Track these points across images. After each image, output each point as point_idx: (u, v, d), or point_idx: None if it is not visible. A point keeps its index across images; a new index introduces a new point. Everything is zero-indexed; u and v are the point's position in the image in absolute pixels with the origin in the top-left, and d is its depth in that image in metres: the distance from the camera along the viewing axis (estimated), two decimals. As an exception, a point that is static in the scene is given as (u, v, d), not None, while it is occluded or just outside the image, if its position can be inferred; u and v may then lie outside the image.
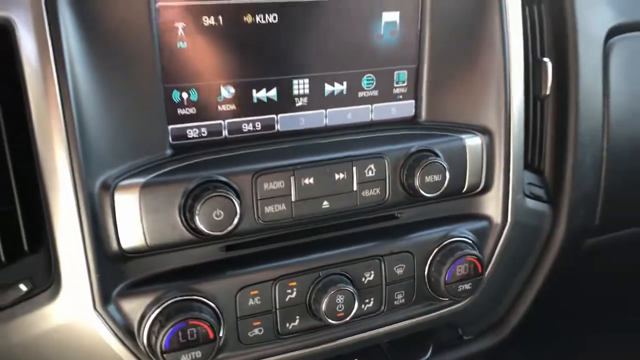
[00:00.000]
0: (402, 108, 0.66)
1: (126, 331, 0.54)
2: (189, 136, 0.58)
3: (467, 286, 0.65)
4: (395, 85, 0.65)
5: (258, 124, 0.60)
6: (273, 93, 0.60)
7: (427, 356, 0.73)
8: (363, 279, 0.62)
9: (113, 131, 0.52)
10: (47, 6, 0.47)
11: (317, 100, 0.62)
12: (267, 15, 0.57)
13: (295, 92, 0.61)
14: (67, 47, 0.48)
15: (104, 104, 0.51)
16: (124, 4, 0.51)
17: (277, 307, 0.59)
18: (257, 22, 0.57)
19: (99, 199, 0.51)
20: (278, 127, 0.61)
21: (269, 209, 0.57)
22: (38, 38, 0.47)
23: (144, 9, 0.52)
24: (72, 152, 0.49)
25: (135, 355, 0.55)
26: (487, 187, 0.67)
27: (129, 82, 0.53)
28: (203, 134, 0.58)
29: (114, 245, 0.53)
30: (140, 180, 0.53)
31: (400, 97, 0.66)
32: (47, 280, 0.52)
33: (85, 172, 0.50)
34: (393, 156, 0.61)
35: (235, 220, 0.53)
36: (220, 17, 0.55)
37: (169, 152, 0.56)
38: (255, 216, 0.56)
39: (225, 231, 0.53)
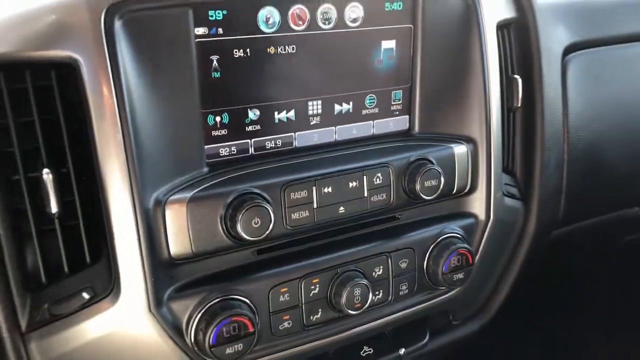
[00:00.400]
0: (398, 122, 0.75)
1: (175, 330, 0.61)
2: (220, 154, 0.65)
3: (461, 275, 0.75)
4: (392, 102, 0.74)
5: (279, 141, 0.68)
6: (292, 114, 0.68)
7: (425, 340, 0.82)
8: (374, 274, 0.71)
9: (161, 153, 0.59)
10: (108, 47, 0.54)
11: (328, 118, 0.70)
12: (287, 47, 0.65)
13: (310, 112, 0.69)
14: (125, 80, 0.55)
15: (153, 130, 0.58)
16: (169, 41, 0.58)
17: (303, 302, 0.67)
18: (279, 52, 0.65)
19: (153, 213, 0.58)
20: (296, 143, 0.69)
21: (295, 216, 0.65)
22: (101, 74, 0.54)
23: (186, 45, 0.59)
24: (130, 172, 0.56)
25: (183, 352, 0.62)
26: (472, 189, 0.77)
27: (174, 109, 0.60)
28: (233, 152, 0.66)
29: (165, 254, 0.60)
30: (187, 195, 0.60)
31: (397, 112, 0.75)
32: (107, 288, 0.59)
33: (141, 190, 0.57)
34: (396, 165, 0.70)
35: (270, 227, 0.61)
36: (248, 50, 0.63)
37: (205, 169, 0.63)
38: (284, 222, 0.64)
39: (261, 237, 0.61)
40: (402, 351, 0.80)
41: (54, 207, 0.56)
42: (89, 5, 0.54)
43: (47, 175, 0.55)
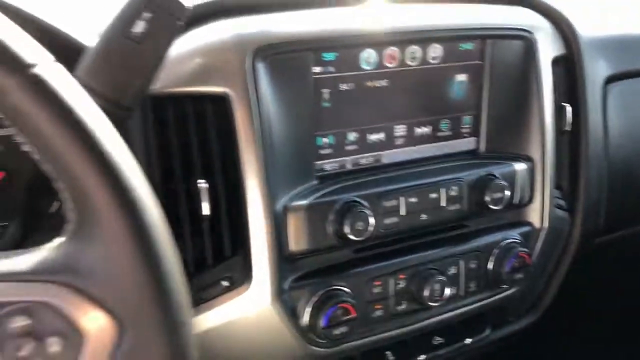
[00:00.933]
0: (467, 143, 0.88)
1: (292, 314, 0.74)
2: (325, 169, 0.78)
3: (521, 275, 0.87)
4: (462, 126, 0.87)
5: (371, 159, 0.81)
6: (382, 136, 0.81)
7: (487, 332, 0.94)
8: (449, 272, 0.83)
9: (285, 168, 0.72)
10: (256, 84, 0.68)
11: (410, 139, 0.83)
12: (381, 81, 0.79)
13: (396, 134, 0.82)
14: (264, 109, 0.69)
15: (280, 149, 0.71)
16: (295, 77, 0.72)
17: (392, 294, 0.80)
18: (375, 85, 0.78)
19: (280, 217, 0.71)
20: (383, 160, 0.82)
21: (386, 221, 0.78)
22: (246, 105, 0.68)
23: (307, 80, 0.72)
24: (265, 184, 0.69)
25: (298, 332, 0.74)
26: (530, 201, 0.90)
27: (294, 132, 0.73)
28: (335, 167, 0.79)
29: (287, 250, 0.73)
30: (304, 202, 0.73)
31: (466, 135, 0.88)
32: (242, 278, 0.72)
33: (272, 198, 0.70)
34: (467, 180, 0.83)
35: (371, 229, 0.74)
36: (351, 84, 0.77)
37: (315, 182, 0.77)
38: (378, 226, 0.77)
39: (363, 237, 0.74)
40: (467, 341, 0.92)
41: (205, 211, 0.69)
42: (238, 49, 0.68)
43: (202, 185, 0.68)
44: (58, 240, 0.39)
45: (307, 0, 0.80)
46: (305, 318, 0.74)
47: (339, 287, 0.75)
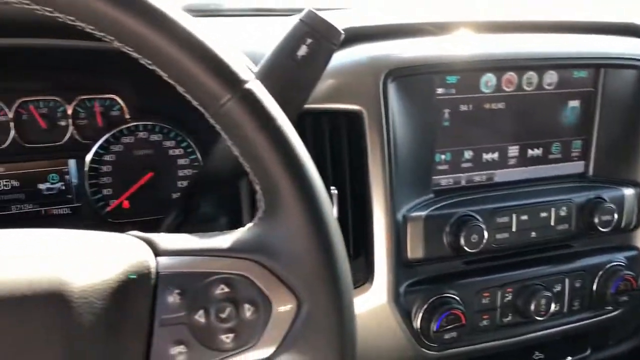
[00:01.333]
0: (576, 166, 0.92)
1: (406, 316, 0.80)
2: (441, 184, 0.84)
3: (626, 297, 0.89)
4: (572, 150, 0.91)
5: (484, 177, 0.86)
6: (496, 155, 0.86)
7: (588, 353, 0.96)
8: (554, 289, 0.87)
9: (406, 181, 0.79)
10: (386, 103, 0.75)
11: (522, 160, 0.88)
12: (498, 104, 0.84)
13: (509, 154, 0.87)
14: (392, 126, 0.76)
15: (403, 162, 0.78)
16: (420, 97, 0.78)
17: (499, 305, 0.84)
18: (492, 107, 0.84)
19: (400, 226, 0.78)
20: (496, 179, 0.87)
21: (498, 236, 0.83)
22: (377, 121, 0.75)
23: (430, 101, 0.79)
24: (389, 195, 0.76)
25: (412, 333, 0.80)
26: (637, 226, 0.92)
27: (416, 148, 0.79)
28: (450, 183, 0.85)
29: (404, 257, 0.79)
30: (422, 213, 0.79)
31: (575, 158, 0.91)
32: (363, 278, 0.78)
33: (394, 208, 0.77)
34: (577, 201, 0.87)
35: (484, 242, 0.79)
36: (470, 105, 0.82)
37: (431, 195, 0.82)
38: (490, 240, 0.82)
39: (477, 250, 0.79)
40: (568, 359, 0.94)
41: (334, 214, 0.76)
42: (372, 71, 0.75)
43: (333, 191, 0.76)
44: (249, 225, 0.47)
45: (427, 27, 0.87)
46: (418, 321, 0.79)
47: (450, 295, 0.81)
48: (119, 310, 0.41)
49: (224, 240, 0.46)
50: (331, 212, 0.47)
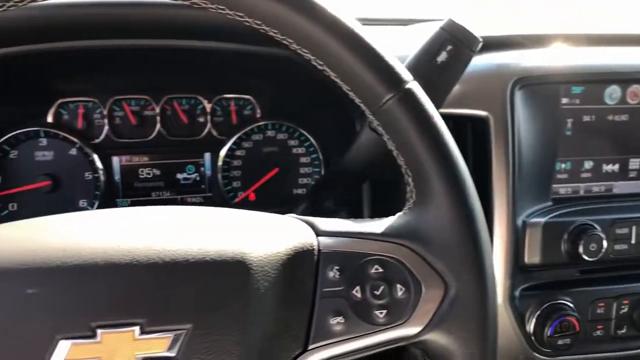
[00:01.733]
0: (699, 182, 0.90)
1: (520, 319, 0.81)
2: (560, 192, 0.85)
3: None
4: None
5: (603, 187, 0.87)
6: (616, 167, 0.86)
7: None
8: (671, 304, 0.86)
9: (526, 187, 0.81)
10: (512, 110, 0.77)
11: (643, 173, 0.88)
12: (622, 116, 0.84)
13: (630, 167, 0.87)
14: (517, 134, 0.78)
15: (524, 169, 0.80)
16: (545, 106, 0.80)
17: (614, 317, 0.84)
18: (615, 119, 0.84)
19: (519, 231, 0.80)
20: (615, 190, 0.87)
21: (617, 247, 0.83)
22: (502, 128, 0.77)
23: (555, 110, 0.81)
24: (511, 199, 0.78)
25: (524, 336, 0.81)
26: None
27: (538, 155, 0.81)
28: (568, 192, 0.86)
29: (522, 261, 0.80)
30: (542, 220, 0.80)
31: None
32: (479, 279, 0.81)
33: (514, 213, 0.79)
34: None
35: (603, 252, 0.80)
36: (594, 116, 0.83)
37: (550, 202, 0.84)
38: (609, 251, 0.82)
39: (595, 259, 0.80)
40: (682, 379, 0.92)
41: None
42: (501, 78, 0.78)
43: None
44: (399, 213, 0.51)
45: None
46: (531, 325, 0.81)
47: (564, 302, 0.81)
48: (288, 280, 0.47)
49: (378, 225, 0.50)
50: (479, 205, 0.50)
